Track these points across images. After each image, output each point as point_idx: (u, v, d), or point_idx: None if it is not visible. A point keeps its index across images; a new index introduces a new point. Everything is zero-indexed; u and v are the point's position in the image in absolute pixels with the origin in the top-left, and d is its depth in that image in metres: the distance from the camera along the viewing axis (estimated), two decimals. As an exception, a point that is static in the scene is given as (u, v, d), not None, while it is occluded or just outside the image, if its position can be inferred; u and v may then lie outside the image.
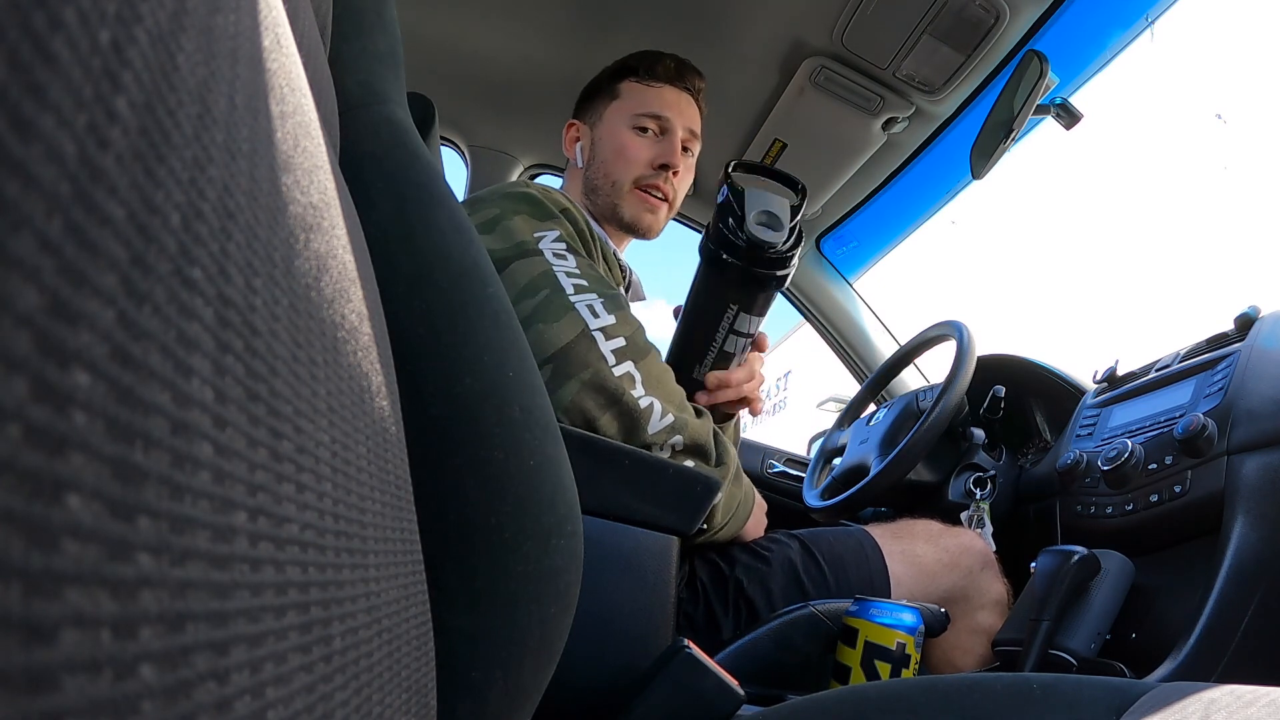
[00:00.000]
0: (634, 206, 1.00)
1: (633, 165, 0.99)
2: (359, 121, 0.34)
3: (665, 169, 1.00)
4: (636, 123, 1.00)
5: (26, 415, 0.07)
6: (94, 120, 0.08)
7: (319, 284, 0.16)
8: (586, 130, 1.05)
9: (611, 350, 0.75)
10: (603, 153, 1.01)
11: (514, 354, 0.33)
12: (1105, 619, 0.79)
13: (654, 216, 1.01)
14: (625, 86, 1.02)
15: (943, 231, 10.47)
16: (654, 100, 1.00)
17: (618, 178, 0.99)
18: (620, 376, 0.74)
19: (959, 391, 1.04)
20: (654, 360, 0.78)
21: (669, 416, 0.75)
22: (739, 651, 0.76)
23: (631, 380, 0.75)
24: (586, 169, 1.03)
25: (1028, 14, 1.02)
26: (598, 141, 1.03)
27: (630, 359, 0.76)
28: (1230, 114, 7.38)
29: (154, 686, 0.08)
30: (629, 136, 1.00)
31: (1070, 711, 0.37)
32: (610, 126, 1.01)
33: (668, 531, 0.64)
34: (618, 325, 0.77)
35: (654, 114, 1.00)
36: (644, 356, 0.77)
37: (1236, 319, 0.93)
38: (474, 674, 0.29)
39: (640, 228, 1.02)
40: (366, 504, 0.18)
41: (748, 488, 0.88)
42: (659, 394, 0.76)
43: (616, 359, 0.75)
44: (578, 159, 1.05)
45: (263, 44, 0.15)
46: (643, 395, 0.75)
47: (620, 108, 1.01)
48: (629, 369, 0.75)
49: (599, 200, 1.01)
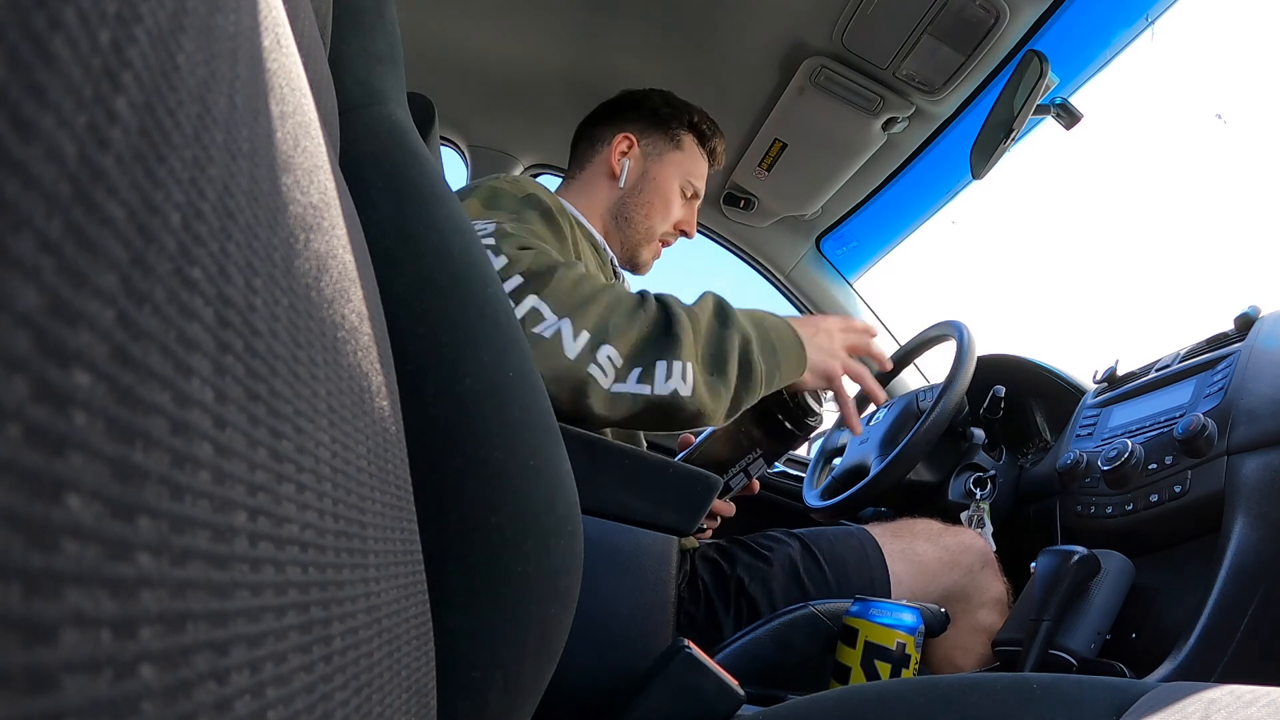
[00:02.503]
0: (649, 253, 1.09)
1: (669, 220, 1.08)
2: (359, 121, 0.34)
3: (683, 234, 1.11)
4: (685, 184, 1.08)
5: (26, 415, 0.07)
6: (94, 120, 0.08)
7: (319, 284, 0.16)
8: (639, 155, 1.05)
9: (510, 292, 0.67)
10: (649, 192, 1.05)
11: (514, 354, 0.33)
12: (1105, 619, 0.79)
13: (653, 263, 1.12)
14: (688, 142, 1.08)
15: (943, 231, 10.47)
16: (702, 172, 1.09)
17: (653, 224, 1.06)
18: (524, 318, 0.66)
19: (959, 391, 1.04)
20: (562, 280, 0.68)
21: (584, 333, 0.66)
22: (739, 651, 0.76)
23: (538, 315, 0.66)
24: (626, 194, 1.05)
25: (1028, 14, 1.02)
26: (649, 178, 1.05)
27: (532, 292, 0.67)
28: (1230, 114, 7.40)
29: (154, 686, 0.08)
30: (676, 194, 1.07)
31: (1070, 711, 0.37)
32: (666, 173, 1.06)
33: (668, 531, 0.64)
34: (509, 266, 0.68)
35: (697, 186, 1.09)
36: (547, 283, 0.68)
37: (1236, 319, 0.93)
38: (474, 674, 0.29)
39: (643, 271, 1.11)
40: (366, 504, 0.18)
41: (779, 332, 0.78)
42: (569, 313, 0.67)
43: (515, 300, 0.67)
44: (621, 176, 1.04)
45: (263, 44, 0.15)
46: (549, 325, 0.66)
47: (680, 161, 1.07)
48: (532, 304, 0.67)
49: (627, 231, 1.05)
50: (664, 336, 0.69)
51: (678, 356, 0.68)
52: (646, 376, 0.67)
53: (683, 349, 0.69)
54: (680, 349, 0.69)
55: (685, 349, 0.69)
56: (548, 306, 0.67)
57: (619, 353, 0.67)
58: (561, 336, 0.66)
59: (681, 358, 0.68)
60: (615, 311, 0.68)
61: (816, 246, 1.62)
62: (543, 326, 0.66)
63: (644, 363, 0.68)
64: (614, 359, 0.67)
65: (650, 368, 0.68)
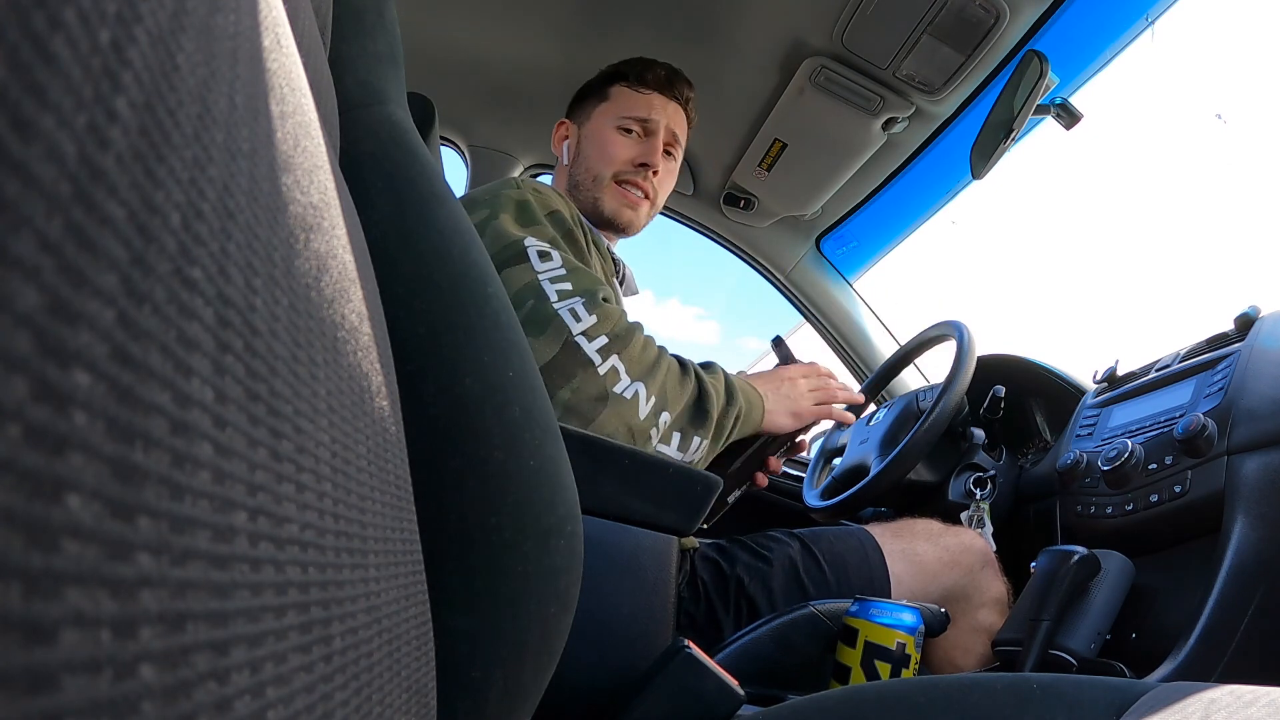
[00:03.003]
0: (613, 201, 1.03)
1: (613, 161, 1.03)
2: (359, 121, 0.34)
3: (645, 168, 1.03)
4: (621, 124, 1.04)
5: (26, 415, 0.07)
6: (94, 120, 0.08)
7: (319, 284, 0.16)
8: (574, 129, 1.09)
9: (596, 350, 0.78)
10: (586, 150, 1.05)
11: (514, 354, 0.33)
12: (1105, 619, 0.79)
13: (634, 213, 1.04)
14: (615, 90, 1.06)
15: (943, 231, 10.50)
16: (641, 105, 1.04)
17: (599, 172, 1.03)
18: (605, 374, 0.77)
19: (959, 391, 1.04)
20: (634, 343, 0.80)
21: (652, 399, 0.79)
22: (739, 651, 0.76)
23: (616, 374, 0.78)
24: (571, 166, 1.07)
25: (1028, 14, 1.02)
26: (583, 140, 1.06)
27: (615, 352, 0.79)
28: (1230, 114, 7.39)
29: (154, 686, 0.08)
30: (612, 135, 1.04)
31: (1070, 711, 0.37)
32: (596, 126, 1.05)
33: (668, 531, 0.64)
34: (599, 324, 0.79)
35: (639, 117, 1.04)
36: (626, 345, 0.79)
37: (1236, 319, 0.93)
38: (474, 674, 0.29)
39: (620, 222, 1.04)
40: (366, 504, 0.18)
41: (748, 395, 0.90)
42: (643, 376, 0.79)
43: (602, 358, 0.78)
44: (564, 156, 1.08)
45: (263, 44, 0.15)
46: (628, 385, 0.78)
47: (608, 109, 1.05)
48: (613, 363, 0.78)
49: (581, 195, 1.04)
50: (699, 413, 0.83)
51: (705, 435, 0.83)
52: (684, 445, 0.82)
53: (709, 428, 0.83)
54: (708, 427, 0.83)
55: (709, 428, 0.83)
56: (624, 368, 0.78)
57: (670, 418, 0.81)
58: (638, 399, 0.78)
59: (707, 436, 0.83)
60: (670, 379, 0.82)
61: (816, 246, 1.62)
62: (621, 387, 0.78)
63: (684, 432, 0.82)
64: (666, 422, 0.80)
65: (688, 439, 0.82)
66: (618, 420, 0.77)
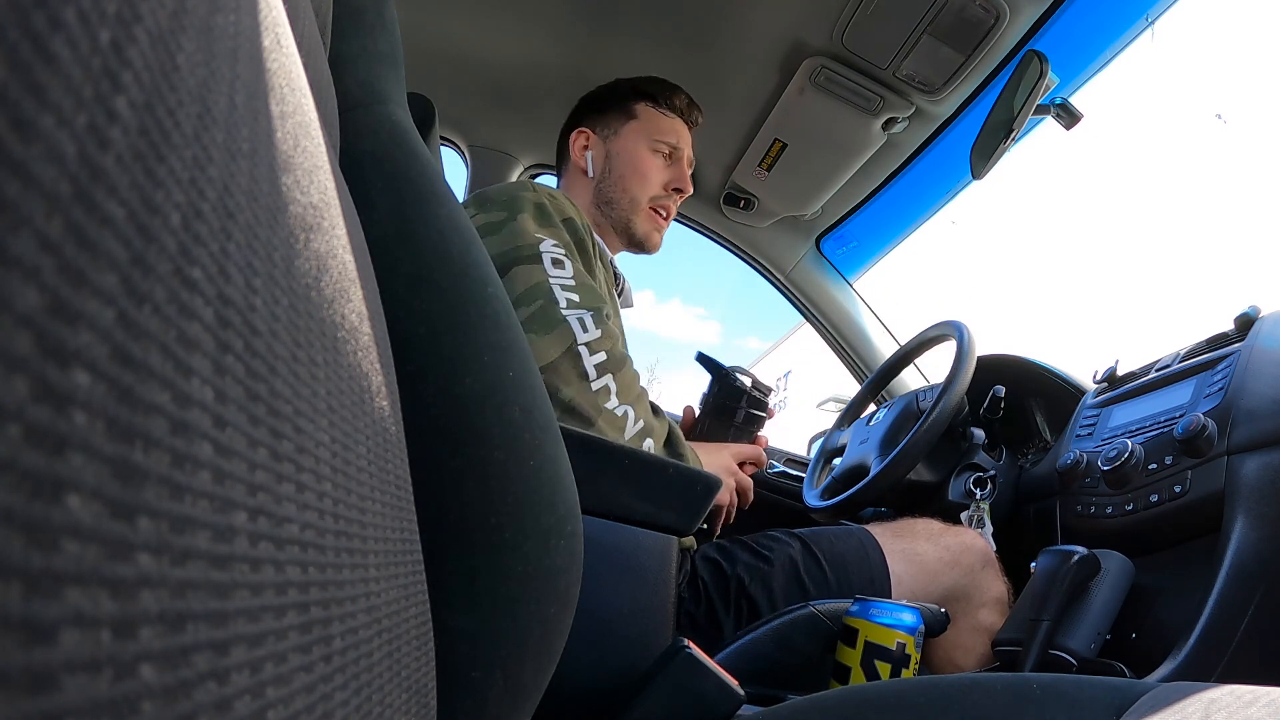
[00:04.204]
0: (646, 224, 1.08)
1: (650, 185, 1.07)
2: (359, 121, 0.34)
3: (679, 192, 1.09)
4: (654, 146, 1.07)
5: (26, 415, 0.07)
6: (94, 120, 0.08)
7: (319, 284, 0.16)
8: (598, 142, 1.09)
9: (594, 365, 0.82)
10: (619, 169, 1.07)
11: (514, 354, 0.33)
12: (1105, 619, 0.79)
13: (659, 235, 1.10)
14: (643, 110, 1.08)
15: (943, 231, 10.47)
16: (669, 129, 1.08)
17: (635, 195, 1.06)
18: (598, 391, 0.81)
19: (959, 391, 1.04)
20: (628, 370, 0.85)
21: (640, 422, 0.84)
22: (739, 651, 0.76)
23: (608, 392, 0.82)
24: (599, 181, 1.07)
25: (1028, 14, 1.02)
26: (613, 156, 1.07)
27: (610, 372, 0.83)
28: (1230, 114, 7.38)
29: (154, 686, 0.08)
30: (648, 157, 1.07)
31: (1070, 711, 0.37)
32: (628, 144, 1.07)
33: (668, 531, 0.64)
34: (602, 339, 0.83)
35: (670, 142, 1.08)
36: (621, 368, 0.84)
37: (1236, 319, 0.93)
38: (474, 674, 0.29)
39: (649, 245, 1.10)
40: (366, 504, 0.18)
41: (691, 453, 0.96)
42: (631, 402, 0.84)
43: (598, 373, 0.82)
44: (588, 168, 1.08)
45: (263, 44, 0.15)
46: (618, 406, 0.82)
47: (639, 129, 1.07)
48: (607, 382, 0.82)
49: (613, 213, 1.06)
50: (674, 455, 0.88)
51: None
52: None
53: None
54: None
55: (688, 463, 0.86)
56: (616, 391, 0.83)
57: (655, 447, 0.85)
58: (627, 419, 0.83)
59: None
60: (650, 413, 0.87)
61: (816, 246, 1.62)
62: (613, 405, 0.82)
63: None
64: (650, 449, 0.84)
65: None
66: (613, 432, 0.81)
